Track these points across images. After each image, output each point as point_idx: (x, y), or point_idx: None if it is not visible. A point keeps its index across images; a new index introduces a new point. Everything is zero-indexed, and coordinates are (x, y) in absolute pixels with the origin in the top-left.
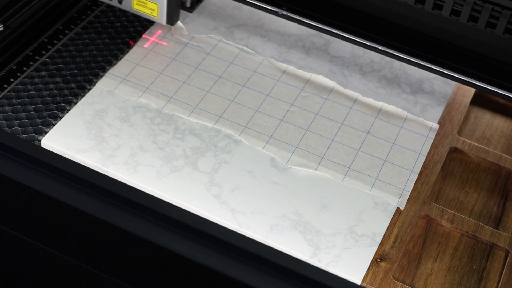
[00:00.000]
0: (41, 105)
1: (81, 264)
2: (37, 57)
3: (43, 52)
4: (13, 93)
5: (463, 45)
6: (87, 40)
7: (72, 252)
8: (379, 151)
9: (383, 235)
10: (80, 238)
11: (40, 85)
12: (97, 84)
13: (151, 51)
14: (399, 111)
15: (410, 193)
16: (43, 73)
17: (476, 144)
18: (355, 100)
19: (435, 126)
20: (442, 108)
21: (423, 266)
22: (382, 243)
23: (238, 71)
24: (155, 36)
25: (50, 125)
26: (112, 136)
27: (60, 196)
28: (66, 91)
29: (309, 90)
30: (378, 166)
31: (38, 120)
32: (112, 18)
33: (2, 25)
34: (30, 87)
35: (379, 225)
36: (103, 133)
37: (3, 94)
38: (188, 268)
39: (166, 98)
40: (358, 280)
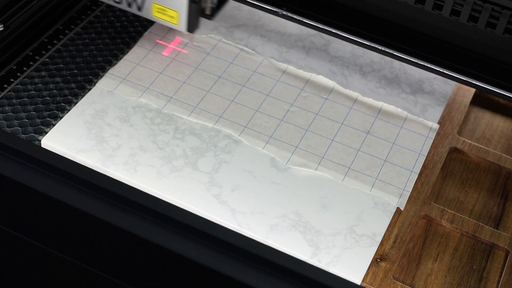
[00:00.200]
0: (41, 105)
1: (81, 264)
2: (37, 57)
3: (43, 52)
4: (13, 93)
5: (463, 45)
6: (87, 40)
7: (72, 252)
8: (379, 151)
9: (383, 235)
10: (80, 238)
11: (40, 85)
12: (97, 84)
13: (151, 51)
14: (399, 111)
15: (410, 193)
16: (43, 73)
17: (476, 144)
18: (355, 100)
19: (435, 126)
20: (442, 108)
21: (423, 266)
22: (382, 243)
23: (238, 71)
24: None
25: (50, 125)
26: (112, 136)
27: (60, 196)
28: (66, 91)
29: (309, 90)
30: (378, 166)
31: (38, 120)
32: (112, 18)
33: (2, 25)
34: (30, 87)
35: (379, 225)
36: (103, 133)
37: (3, 94)
38: (188, 268)
39: (166, 98)
40: (358, 280)
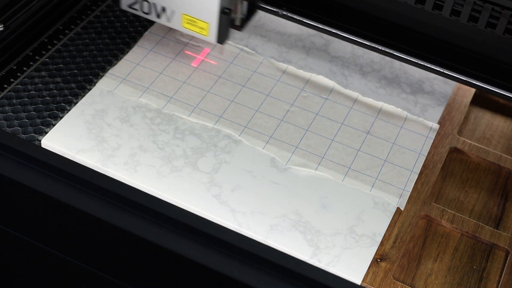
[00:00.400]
0: (41, 105)
1: (81, 264)
2: (37, 57)
3: (43, 52)
4: (13, 93)
5: (463, 45)
6: (87, 40)
7: (72, 252)
8: (379, 151)
9: (383, 235)
10: (80, 238)
11: (40, 85)
12: (97, 84)
13: (151, 51)
14: (399, 111)
15: (410, 193)
16: (43, 73)
17: (476, 144)
18: (355, 100)
19: (435, 126)
20: (442, 108)
21: (423, 266)
22: (382, 243)
23: (238, 71)
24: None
25: (50, 125)
26: (112, 136)
27: (60, 196)
28: (66, 91)
29: (309, 90)
30: (378, 166)
31: (38, 120)
32: (112, 18)
33: (2, 25)
34: (30, 87)
35: (379, 225)
36: (103, 133)
37: (3, 94)
38: (188, 268)
39: (166, 98)
40: (358, 280)
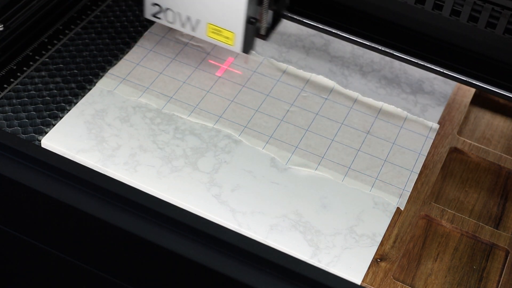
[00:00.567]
0: (41, 105)
1: (81, 264)
2: (37, 57)
3: (43, 52)
4: (13, 93)
5: (463, 45)
6: (87, 40)
7: (72, 252)
8: (379, 151)
9: (383, 235)
10: (80, 238)
11: (40, 85)
12: (97, 84)
13: (151, 51)
14: (399, 111)
15: (410, 193)
16: (43, 73)
17: (476, 144)
18: (355, 100)
19: (435, 126)
20: (442, 108)
21: (423, 266)
22: (382, 243)
23: (238, 71)
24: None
25: (50, 125)
26: (112, 136)
27: (60, 196)
28: (66, 91)
29: (309, 90)
30: (378, 166)
31: (38, 120)
32: (112, 18)
33: (2, 25)
34: (30, 87)
35: (379, 225)
36: (103, 133)
37: (3, 94)
38: (188, 268)
39: (166, 98)
40: (358, 280)
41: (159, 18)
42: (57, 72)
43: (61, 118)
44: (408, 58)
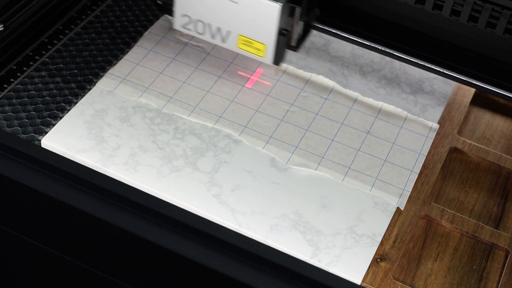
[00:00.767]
0: (41, 105)
1: (81, 264)
2: (37, 57)
3: (43, 52)
4: (13, 93)
5: (463, 45)
6: (87, 40)
7: (72, 252)
8: (379, 151)
9: (383, 235)
10: (80, 238)
11: (40, 85)
12: (97, 84)
13: (151, 51)
14: (399, 111)
15: (410, 193)
16: (43, 73)
17: (476, 144)
18: (355, 100)
19: (435, 126)
20: (442, 108)
21: (423, 266)
22: (382, 243)
23: (238, 71)
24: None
25: (50, 125)
26: (112, 136)
27: (60, 196)
28: (66, 91)
29: (309, 90)
30: (378, 166)
31: (38, 120)
32: (112, 18)
33: (2, 25)
34: (30, 87)
35: (379, 225)
36: (103, 133)
37: (3, 94)
38: (188, 268)
39: (166, 98)
40: (358, 280)
41: (189, 30)
42: (57, 72)
43: (61, 118)
44: (408, 58)
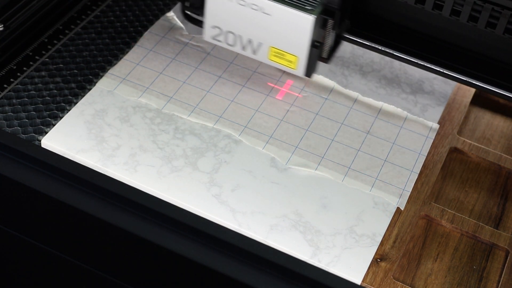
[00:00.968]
0: (41, 105)
1: (81, 264)
2: (37, 57)
3: (43, 52)
4: (13, 93)
5: (463, 45)
6: (87, 40)
7: (72, 252)
8: (379, 151)
9: (383, 235)
10: (80, 238)
11: (40, 85)
12: (97, 84)
13: (151, 51)
14: (399, 111)
15: (410, 193)
16: (43, 73)
17: (476, 144)
18: (355, 100)
19: (435, 126)
20: (442, 108)
21: (423, 266)
22: (382, 243)
23: (238, 71)
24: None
25: (50, 125)
26: (112, 136)
27: (60, 196)
28: (66, 91)
29: (309, 90)
30: (378, 166)
31: (38, 120)
32: (112, 18)
33: (2, 25)
34: (30, 87)
35: (379, 225)
36: (103, 133)
37: (3, 94)
38: (188, 268)
39: (166, 98)
40: (358, 280)
41: (219, 41)
42: (57, 72)
43: (61, 118)
44: (408, 58)
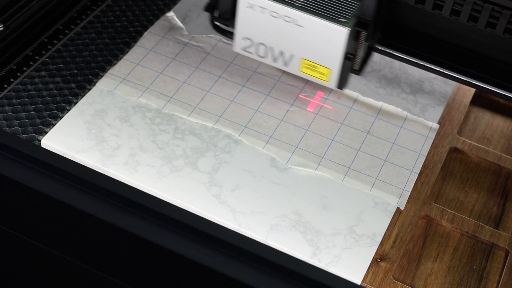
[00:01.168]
0: (41, 105)
1: (81, 264)
2: (37, 57)
3: (43, 52)
4: (13, 93)
5: (463, 45)
6: (87, 40)
7: (72, 252)
8: (379, 151)
9: (383, 235)
10: (80, 238)
11: (40, 85)
12: (97, 84)
13: (151, 51)
14: (399, 111)
15: (410, 193)
16: (43, 73)
17: (476, 144)
18: (355, 100)
19: (435, 126)
20: (442, 108)
21: (423, 266)
22: (382, 243)
23: (238, 71)
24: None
25: (50, 125)
26: (112, 136)
27: (60, 196)
28: (66, 91)
29: (309, 90)
30: (378, 166)
31: (38, 120)
32: (112, 18)
33: (2, 25)
34: (30, 87)
35: (379, 225)
36: (103, 133)
37: (3, 94)
38: (188, 268)
39: (166, 98)
40: (358, 280)
41: (250, 53)
42: (57, 72)
43: (61, 118)
44: (408, 58)
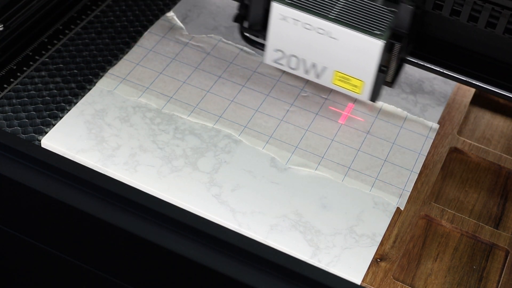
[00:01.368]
0: (41, 105)
1: (81, 264)
2: (37, 57)
3: (43, 52)
4: (13, 93)
5: (463, 45)
6: (87, 40)
7: (72, 252)
8: (379, 151)
9: (383, 235)
10: (80, 238)
11: (40, 85)
12: (97, 84)
13: (151, 51)
14: (399, 111)
15: (410, 193)
16: (43, 73)
17: (476, 144)
18: (355, 100)
19: (435, 126)
20: (442, 108)
21: (423, 266)
22: (382, 243)
23: (238, 71)
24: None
25: (50, 125)
26: (112, 136)
27: (60, 196)
28: (66, 91)
29: (309, 90)
30: (378, 166)
31: (38, 120)
32: (112, 18)
33: (2, 25)
34: (30, 87)
35: (379, 225)
36: (103, 133)
37: (3, 94)
38: (188, 268)
39: (166, 98)
40: (358, 280)
41: (281, 64)
42: (57, 72)
43: (61, 118)
44: (408, 58)
